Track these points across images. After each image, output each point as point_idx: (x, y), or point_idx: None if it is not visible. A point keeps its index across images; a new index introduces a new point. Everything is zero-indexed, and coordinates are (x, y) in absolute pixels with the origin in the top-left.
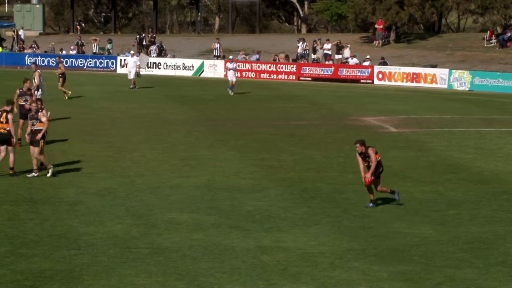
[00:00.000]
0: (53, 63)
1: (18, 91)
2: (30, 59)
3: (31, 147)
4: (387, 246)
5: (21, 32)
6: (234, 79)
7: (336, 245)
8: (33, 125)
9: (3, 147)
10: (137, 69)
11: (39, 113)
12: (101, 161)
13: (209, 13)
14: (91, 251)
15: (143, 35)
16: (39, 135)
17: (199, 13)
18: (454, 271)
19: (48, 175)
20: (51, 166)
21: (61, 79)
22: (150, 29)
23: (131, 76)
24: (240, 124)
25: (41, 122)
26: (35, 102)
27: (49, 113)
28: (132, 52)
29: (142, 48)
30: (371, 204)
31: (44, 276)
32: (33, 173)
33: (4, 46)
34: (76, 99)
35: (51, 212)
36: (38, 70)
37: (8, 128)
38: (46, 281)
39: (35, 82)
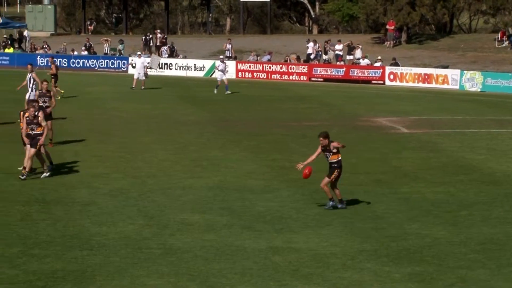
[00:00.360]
0: (65, 64)
1: (37, 92)
2: (42, 60)
3: (32, 149)
4: (399, 247)
5: (26, 33)
6: (224, 78)
7: (348, 246)
8: (32, 129)
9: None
10: (145, 69)
11: (39, 118)
12: (113, 161)
13: (220, 13)
14: (103, 252)
15: (150, 36)
16: (42, 139)
17: (210, 14)
18: (466, 272)
19: (21, 177)
20: (26, 173)
21: (53, 80)
22: (158, 30)
23: (141, 77)
24: (252, 124)
25: (40, 126)
26: (33, 106)
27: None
28: (139, 53)
29: (148, 49)
30: (331, 203)
31: (56, 277)
32: (44, 173)
33: (16, 46)
34: (88, 99)
35: (63, 213)
36: (34, 71)
37: None
38: (58, 282)
39: (30, 83)
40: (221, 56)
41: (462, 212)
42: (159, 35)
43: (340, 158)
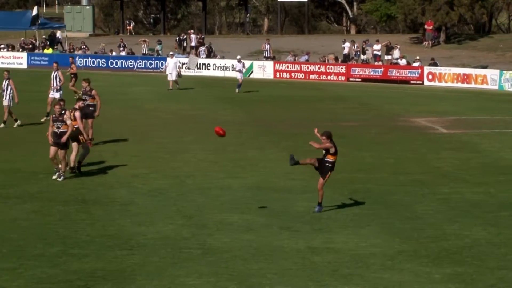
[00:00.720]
0: (104, 64)
1: (81, 91)
2: (81, 60)
3: (53, 148)
4: (438, 248)
5: (58, 33)
6: (240, 78)
7: (387, 246)
8: (58, 127)
9: (74, 144)
10: (178, 69)
11: (64, 116)
12: (152, 161)
13: (258, 14)
14: (142, 252)
15: (184, 36)
16: (64, 138)
17: (248, 14)
18: (507, 273)
19: (59, 179)
20: (62, 173)
21: (73, 79)
22: (192, 31)
23: (172, 77)
24: (289, 125)
25: (65, 124)
26: (58, 104)
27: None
28: (171, 53)
29: (183, 50)
30: (319, 207)
31: (96, 276)
32: (60, 177)
33: (56, 47)
34: (126, 100)
35: (102, 213)
36: (60, 70)
37: (76, 126)
38: (98, 281)
39: (55, 82)
40: (238, 57)
41: (502, 213)
42: (192, 35)
43: (335, 160)
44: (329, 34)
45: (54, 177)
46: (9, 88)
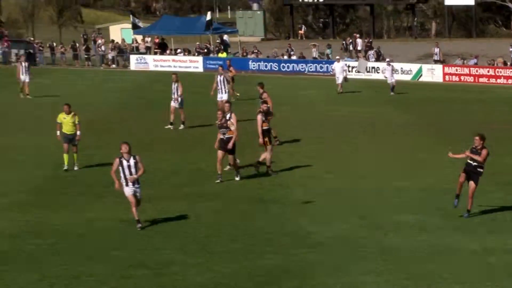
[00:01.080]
0: (276, 68)
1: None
2: (254, 64)
3: (220, 152)
4: None
5: (225, 37)
6: (393, 80)
7: None
8: (223, 134)
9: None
10: (345, 73)
11: (228, 122)
12: (326, 162)
13: (425, 18)
14: (320, 250)
15: (350, 40)
16: (230, 144)
17: (416, 18)
18: None
19: (236, 178)
20: (238, 173)
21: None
22: (357, 35)
23: (339, 81)
24: (460, 127)
25: (230, 130)
26: (221, 111)
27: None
28: (337, 57)
29: (349, 54)
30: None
31: (277, 272)
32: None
33: (229, 51)
34: (298, 102)
35: (280, 211)
36: (224, 73)
37: (266, 127)
38: (278, 277)
39: (221, 85)
40: (388, 59)
41: None
42: (358, 39)
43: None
44: (497, 37)
45: (217, 181)
46: (178, 91)
